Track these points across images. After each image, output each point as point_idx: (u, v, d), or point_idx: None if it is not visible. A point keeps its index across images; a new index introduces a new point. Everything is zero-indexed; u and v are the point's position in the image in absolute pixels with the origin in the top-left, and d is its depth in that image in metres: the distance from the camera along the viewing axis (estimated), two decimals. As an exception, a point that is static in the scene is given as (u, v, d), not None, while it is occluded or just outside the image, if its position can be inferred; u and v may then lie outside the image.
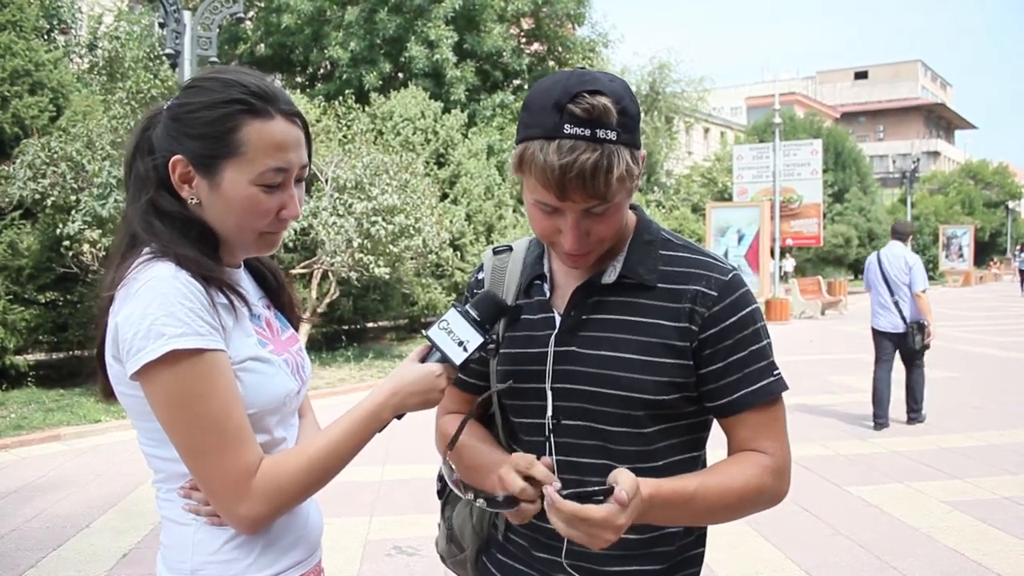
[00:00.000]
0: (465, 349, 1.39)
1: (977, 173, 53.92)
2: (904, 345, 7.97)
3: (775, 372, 1.43)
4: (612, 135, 1.28)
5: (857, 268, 41.32)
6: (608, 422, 1.40)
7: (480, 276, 1.63)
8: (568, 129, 1.26)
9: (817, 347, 14.77)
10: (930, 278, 41.40)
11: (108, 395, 1.41)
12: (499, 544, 1.59)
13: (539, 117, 1.30)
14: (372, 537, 4.99)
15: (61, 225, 9.16)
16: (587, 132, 1.26)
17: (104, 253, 9.26)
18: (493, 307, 1.43)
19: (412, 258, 12.49)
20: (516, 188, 19.16)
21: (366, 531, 5.08)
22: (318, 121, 13.85)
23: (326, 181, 12.26)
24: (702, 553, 1.54)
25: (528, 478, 1.30)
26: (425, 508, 5.36)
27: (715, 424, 1.55)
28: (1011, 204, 53.76)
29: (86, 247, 9.26)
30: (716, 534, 1.59)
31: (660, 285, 1.43)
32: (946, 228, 40.81)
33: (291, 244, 11.36)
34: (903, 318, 7.90)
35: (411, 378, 1.38)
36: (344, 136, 12.99)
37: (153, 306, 1.25)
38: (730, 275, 1.43)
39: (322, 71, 21.49)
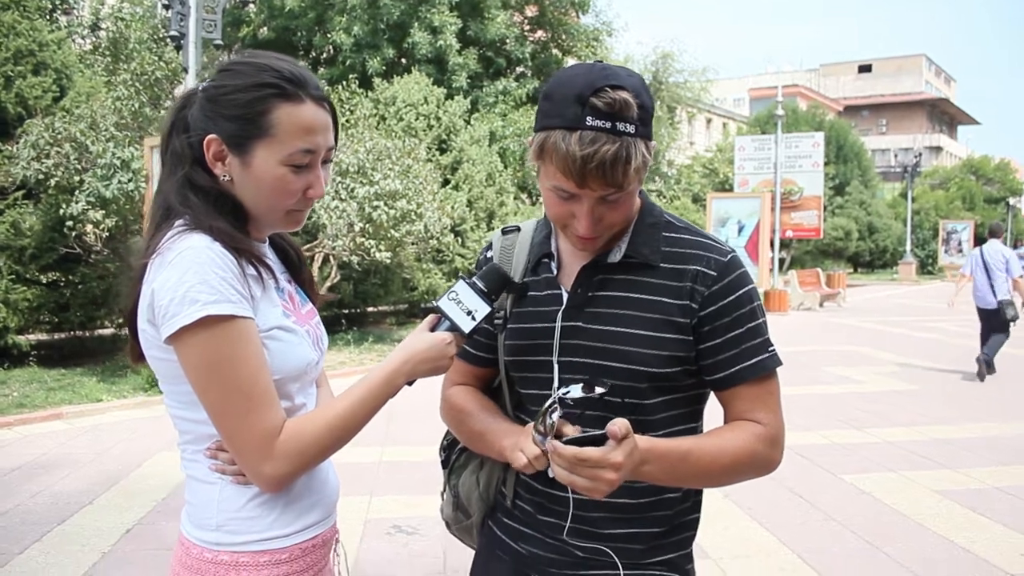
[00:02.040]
0: (473, 318, 1.46)
1: (979, 169, 53.84)
2: (995, 317, 10.29)
3: (770, 348, 1.50)
4: (631, 128, 1.34)
5: (857, 261, 41.38)
6: (612, 394, 1.45)
7: (489, 254, 1.69)
8: (590, 121, 1.33)
9: (816, 339, 14.84)
10: (929, 273, 41.17)
11: (137, 359, 1.48)
12: (506, 510, 1.66)
13: (561, 108, 1.36)
14: (372, 516, 5.06)
15: (64, 206, 9.21)
16: (608, 125, 1.33)
17: (108, 234, 9.32)
18: (499, 279, 1.50)
19: (413, 243, 12.55)
20: (518, 175, 19.18)
21: (366, 510, 5.15)
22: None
23: (328, 166, 12.29)
24: (697, 518, 1.61)
25: (557, 435, 1.35)
26: (423, 489, 5.43)
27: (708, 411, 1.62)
28: (1012, 200, 53.73)
29: (89, 228, 9.32)
30: (710, 517, 1.66)
31: (663, 265, 1.50)
32: (946, 223, 40.80)
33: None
34: (996, 297, 10.22)
35: (423, 346, 1.45)
36: (347, 121, 13.01)
37: (189, 274, 1.32)
38: (729, 256, 1.50)
39: (325, 55, 21.47)
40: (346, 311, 14.80)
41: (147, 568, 4.26)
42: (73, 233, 9.38)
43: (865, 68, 75.50)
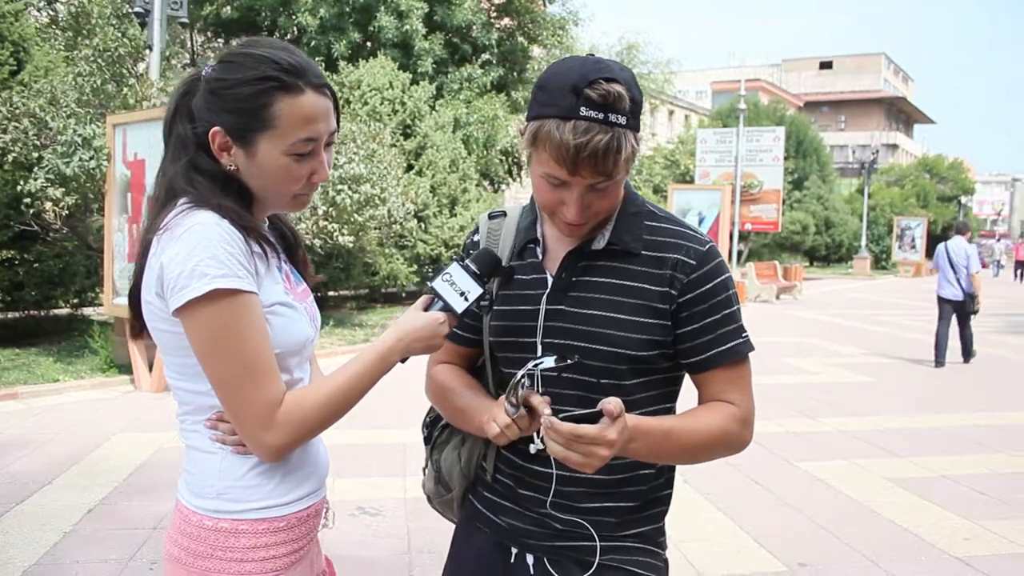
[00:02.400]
0: (466, 299, 1.51)
1: (933, 167, 54.73)
2: (961, 309, 11.20)
3: (743, 334, 1.58)
4: (622, 120, 1.41)
5: (813, 255, 42.02)
6: (592, 374, 1.53)
7: (476, 238, 1.74)
8: (584, 111, 1.39)
9: (772, 330, 15.08)
10: (883, 268, 41.85)
11: (137, 334, 1.53)
12: (486, 484, 1.71)
13: (556, 98, 1.41)
14: (336, 498, 5.07)
15: (22, 182, 9.03)
16: (601, 116, 1.39)
17: (67, 212, 9.17)
18: (491, 262, 1.55)
19: (376, 228, 12.51)
20: (481, 162, 19.17)
21: (330, 493, 5.16)
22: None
23: (292, 148, 12.20)
24: (670, 494, 1.69)
25: (526, 405, 1.44)
26: (387, 472, 5.47)
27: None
28: (963, 199, 54.78)
29: (48, 205, 9.16)
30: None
31: (644, 252, 1.56)
32: (900, 220, 41.46)
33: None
34: (963, 290, 11.02)
35: (417, 325, 1.50)
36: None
37: (198, 248, 1.36)
38: (707, 246, 1.57)
39: (290, 37, 21.21)
40: (307, 295, 14.70)
41: (110, 547, 4.25)
42: (31, 210, 9.21)
43: (826, 65, 76.42)
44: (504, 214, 1.73)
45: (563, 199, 1.48)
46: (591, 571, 1.57)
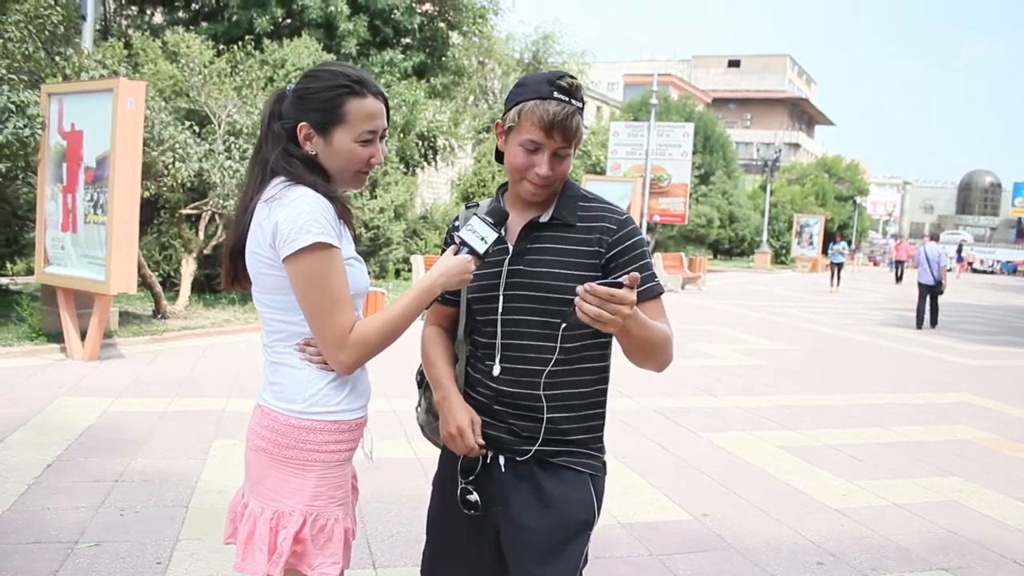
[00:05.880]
0: (485, 242, 2.00)
1: (831, 167, 57.19)
2: (932, 291, 16.41)
3: (656, 279, 2.14)
4: (580, 104, 2.03)
5: (717, 248, 43.62)
6: (540, 314, 2.07)
7: (457, 223, 2.27)
8: (557, 95, 1.99)
9: (677, 318, 15.88)
10: (782, 263, 43.45)
11: (230, 284, 2.01)
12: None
13: (534, 88, 2.01)
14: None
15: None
16: (567, 99, 2.00)
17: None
18: (500, 214, 2.08)
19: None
20: (400, 146, 19.46)
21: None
22: (211, 63, 13.79)
23: (219, 124, 12.31)
24: (603, 412, 2.23)
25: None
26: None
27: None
28: (859, 199, 57.40)
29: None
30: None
31: (579, 224, 2.12)
32: (800, 217, 43.39)
33: (188, 184, 11.21)
34: (934, 277, 16.32)
35: (453, 263, 1.98)
36: (243, 80, 13.02)
37: (305, 212, 1.84)
38: (624, 216, 2.15)
39: (207, 9, 21.00)
40: (228, 270, 14.79)
41: (77, 496, 4.54)
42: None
43: (734, 63, 78.83)
44: (477, 204, 2.26)
45: (535, 162, 2.03)
46: (546, 467, 2.11)
